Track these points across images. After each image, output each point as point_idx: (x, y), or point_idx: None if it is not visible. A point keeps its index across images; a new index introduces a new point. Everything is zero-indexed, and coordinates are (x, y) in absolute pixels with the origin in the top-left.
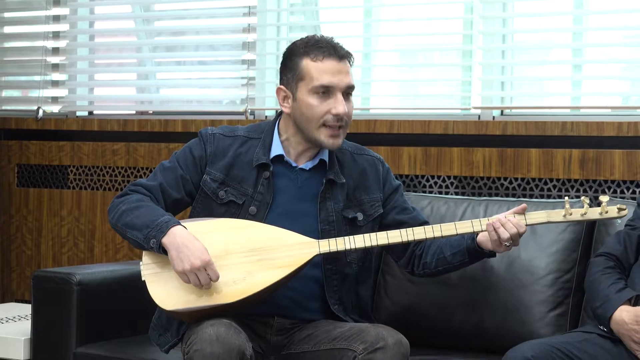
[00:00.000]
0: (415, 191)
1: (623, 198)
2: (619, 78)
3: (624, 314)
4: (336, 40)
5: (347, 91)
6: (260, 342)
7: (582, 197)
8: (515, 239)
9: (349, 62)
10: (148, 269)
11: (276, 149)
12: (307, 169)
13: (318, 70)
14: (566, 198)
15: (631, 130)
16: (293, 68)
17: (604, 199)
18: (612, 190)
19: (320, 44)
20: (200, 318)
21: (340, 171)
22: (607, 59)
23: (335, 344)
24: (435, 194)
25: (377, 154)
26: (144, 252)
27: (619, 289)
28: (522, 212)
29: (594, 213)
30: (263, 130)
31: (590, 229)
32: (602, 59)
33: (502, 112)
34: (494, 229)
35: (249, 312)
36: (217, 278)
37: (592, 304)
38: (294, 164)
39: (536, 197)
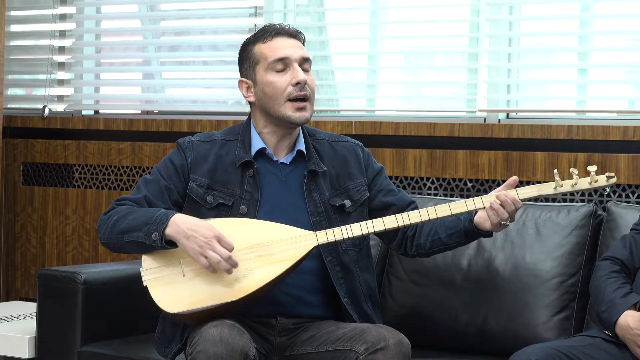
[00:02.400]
0: (420, 193)
1: (628, 202)
2: (625, 82)
3: (629, 319)
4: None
5: (304, 65)
6: (263, 344)
7: (571, 169)
8: (512, 215)
9: (300, 40)
10: (149, 274)
11: (257, 144)
12: (288, 162)
13: (270, 48)
14: (555, 170)
15: (637, 134)
16: (248, 57)
17: (592, 168)
18: (617, 194)
19: (268, 28)
20: (205, 319)
21: (320, 161)
22: (612, 62)
23: (338, 345)
24: (440, 196)
25: (356, 140)
26: (143, 258)
27: (624, 293)
28: (513, 186)
29: (583, 183)
30: (239, 131)
31: (595, 232)
32: (608, 62)
33: (507, 115)
34: (494, 210)
35: (251, 313)
36: (232, 248)
37: (597, 309)
38: (275, 158)
39: (541, 201)
